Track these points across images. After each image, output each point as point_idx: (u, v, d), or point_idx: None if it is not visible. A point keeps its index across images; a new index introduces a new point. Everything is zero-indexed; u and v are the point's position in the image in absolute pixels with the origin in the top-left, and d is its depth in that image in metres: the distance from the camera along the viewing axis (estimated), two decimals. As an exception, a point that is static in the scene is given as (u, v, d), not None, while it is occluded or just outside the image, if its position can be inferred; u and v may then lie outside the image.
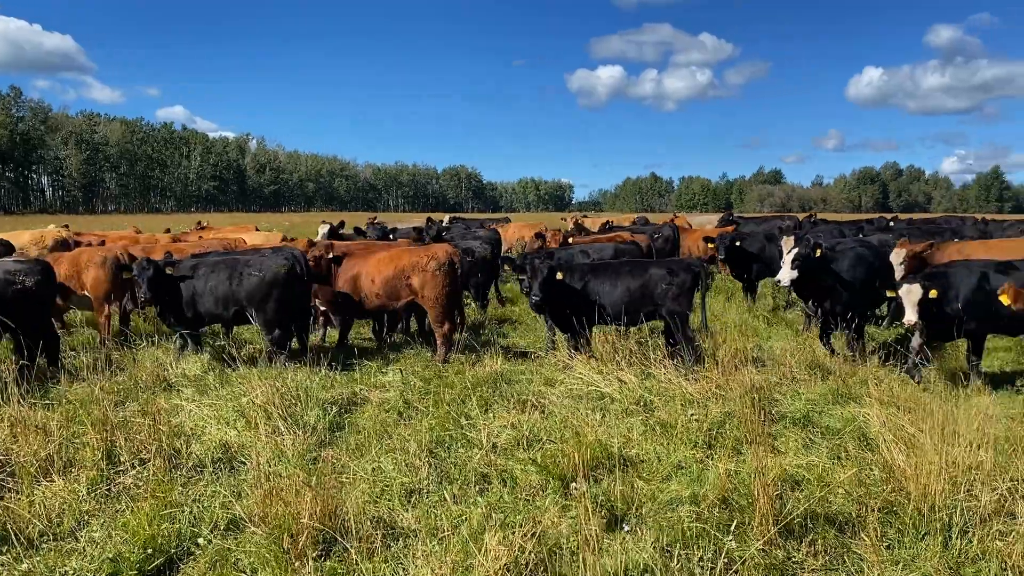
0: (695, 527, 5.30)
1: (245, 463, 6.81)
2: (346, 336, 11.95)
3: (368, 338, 13.00)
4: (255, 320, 10.38)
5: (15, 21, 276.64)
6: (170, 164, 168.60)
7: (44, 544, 5.43)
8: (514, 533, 4.99)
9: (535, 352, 11.17)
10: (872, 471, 6.31)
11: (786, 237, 12.70)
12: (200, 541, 5.40)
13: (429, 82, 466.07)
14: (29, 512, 5.67)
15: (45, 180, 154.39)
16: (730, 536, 5.10)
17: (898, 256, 12.26)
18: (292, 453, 6.89)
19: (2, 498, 5.93)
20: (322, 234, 20.01)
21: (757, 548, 5.02)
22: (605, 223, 28.81)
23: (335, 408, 8.29)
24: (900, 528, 5.42)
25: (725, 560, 4.77)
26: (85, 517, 5.83)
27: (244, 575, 5.06)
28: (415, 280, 10.98)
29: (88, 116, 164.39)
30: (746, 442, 7.09)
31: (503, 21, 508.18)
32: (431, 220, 31.65)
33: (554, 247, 16.58)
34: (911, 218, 35.78)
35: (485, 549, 4.77)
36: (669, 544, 5.17)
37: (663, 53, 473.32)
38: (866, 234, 20.34)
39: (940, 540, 5.16)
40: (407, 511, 5.86)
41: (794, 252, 10.83)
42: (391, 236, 19.36)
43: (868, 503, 5.68)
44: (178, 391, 9.09)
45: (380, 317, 12.31)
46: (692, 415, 7.65)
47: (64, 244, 16.54)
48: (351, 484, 6.23)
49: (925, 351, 9.75)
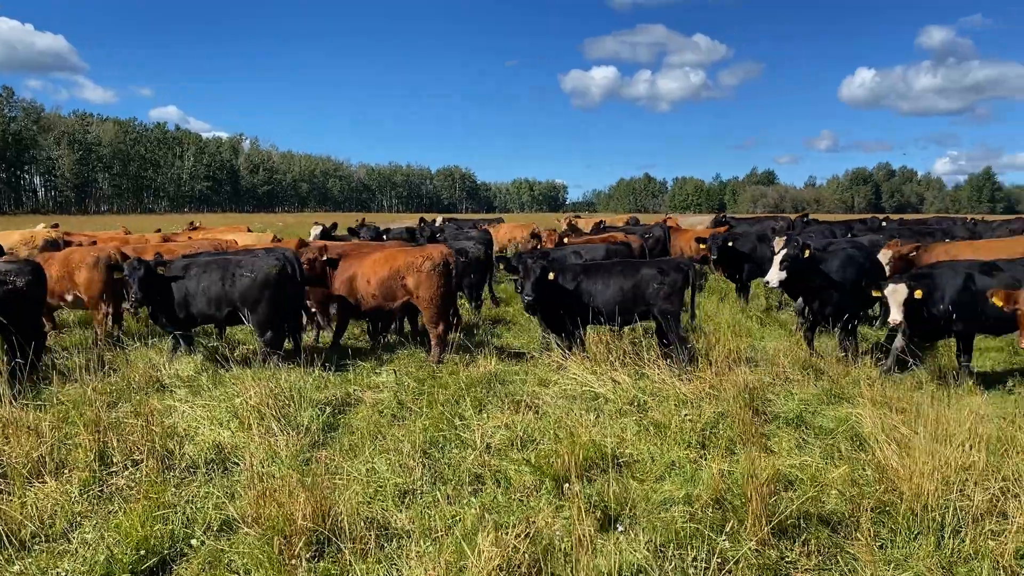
0: (689, 527, 5.30)
1: (238, 464, 6.79)
2: (340, 337, 11.94)
3: (362, 339, 12.98)
4: (248, 321, 10.36)
5: (7, 21, 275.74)
6: (163, 164, 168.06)
7: (36, 546, 5.40)
8: (508, 534, 4.99)
9: (529, 353, 11.17)
10: (865, 471, 6.33)
11: (777, 238, 12.75)
12: (193, 542, 5.39)
13: (423, 82, 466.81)
14: (21, 514, 5.64)
15: (37, 180, 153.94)
16: (723, 536, 5.11)
17: (884, 257, 12.35)
18: (286, 454, 6.87)
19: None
20: (314, 235, 19.96)
21: (750, 548, 5.03)
22: (598, 223, 28.91)
23: (329, 409, 8.27)
24: (893, 528, 5.43)
25: (718, 560, 4.78)
26: (77, 518, 5.81)
27: (237, 576, 5.06)
28: (410, 280, 10.98)
29: (81, 116, 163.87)
30: (739, 442, 7.11)
31: (497, 21, 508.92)
32: (423, 220, 31.65)
33: (549, 247, 16.62)
34: (901, 218, 35.92)
35: (479, 550, 4.77)
36: (663, 544, 5.18)
37: (657, 54, 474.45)
38: (856, 234, 20.41)
39: (933, 540, 5.17)
40: (401, 512, 5.85)
41: (783, 253, 10.82)
42: (384, 237, 19.33)
43: (861, 503, 5.70)
44: (171, 392, 9.06)
45: (376, 318, 12.30)
46: (686, 415, 7.65)
47: (54, 244, 16.49)
48: (345, 485, 6.21)
49: (908, 351, 9.77)
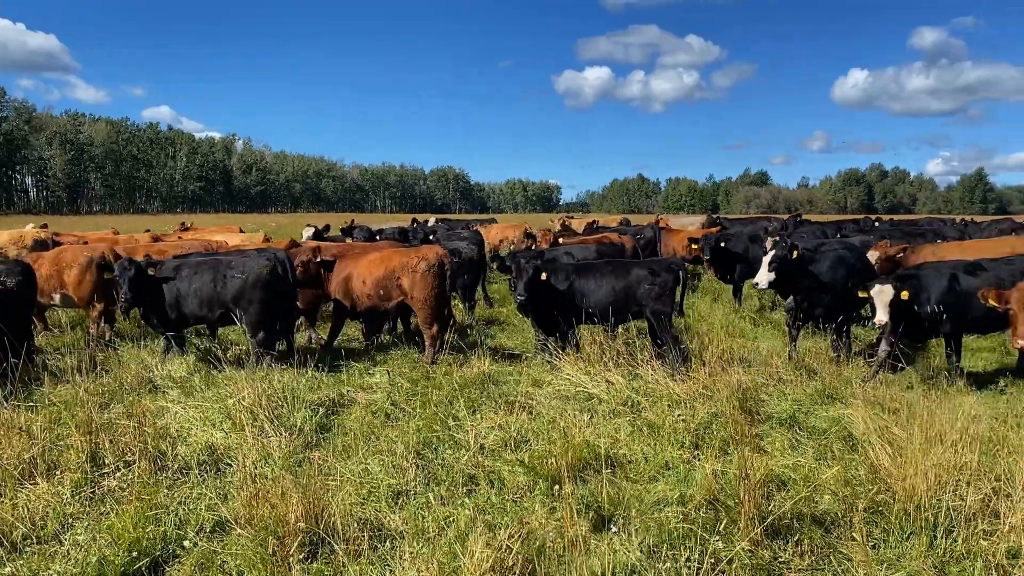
0: (682, 527, 5.31)
1: (231, 465, 6.77)
2: (336, 338, 11.93)
3: (355, 339, 12.96)
4: (240, 322, 10.32)
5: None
6: (156, 165, 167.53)
7: (28, 547, 5.38)
8: (501, 534, 4.99)
9: (523, 353, 11.17)
10: (858, 471, 6.34)
11: (769, 238, 12.77)
12: (186, 544, 5.37)
13: (417, 83, 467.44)
14: (12, 515, 5.62)
15: (29, 180, 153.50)
16: (717, 536, 5.11)
17: (872, 257, 12.40)
18: (279, 455, 6.86)
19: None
20: (307, 237, 19.96)
21: (743, 548, 5.03)
22: (590, 223, 29.04)
23: (322, 410, 8.26)
24: (886, 528, 5.45)
25: (712, 560, 4.78)
26: (69, 520, 5.78)
27: (230, 578, 5.04)
28: (405, 281, 10.97)
29: (73, 116, 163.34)
30: (733, 442, 7.11)
31: (490, 22, 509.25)
32: (416, 221, 31.63)
33: (544, 247, 16.64)
34: (891, 219, 36.03)
35: (472, 551, 4.76)
36: (656, 544, 5.18)
37: (650, 54, 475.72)
38: (846, 235, 20.48)
39: (925, 540, 5.18)
40: (394, 513, 5.84)
41: (771, 255, 10.78)
42: (378, 238, 19.31)
43: (854, 503, 5.71)
44: (164, 393, 9.04)
45: (371, 318, 12.28)
46: (679, 415, 7.67)
47: (43, 244, 16.41)
48: (338, 486, 6.20)
49: (895, 355, 9.80)
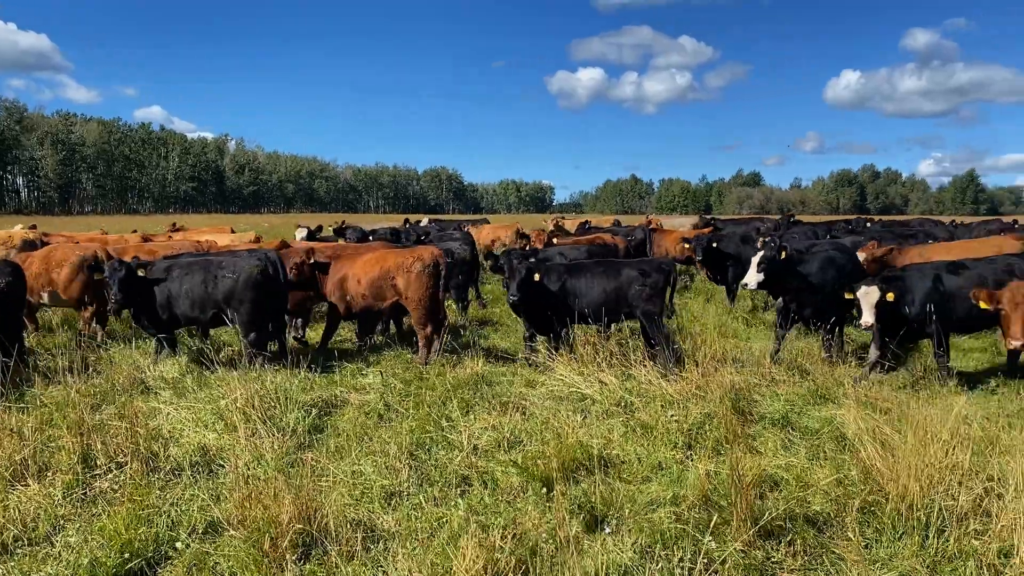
0: (675, 528, 5.32)
1: (224, 466, 6.76)
2: (330, 338, 11.91)
3: (348, 340, 12.94)
4: (232, 322, 10.29)
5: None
6: (148, 165, 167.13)
7: (19, 549, 5.36)
8: (494, 535, 4.99)
9: (516, 354, 11.18)
10: (850, 471, 6.36)
11: (761, 239, 12.79)
12: (178, 545, 5.35)
13: (410, 83, 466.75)
14: (3, 517, 5.59)
15: (20, 181, 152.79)
16: (709, 537, 5.12)
17: (860, 258, 12.43)
18: (271, 456, 6.84)
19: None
20: (300, 237, 19.94)
21: (736, 548, 5.04)
22: (583, 223, 29.19)
23: (315, 410, 8.24)
24: (878, 528, 5.46)
25: (705, 561, 4.79)
26: (61, 522, 5.76)
27: (222, 579, 5.03)
28: (400, 281, 10.97)
29: (64, 116, 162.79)
30: (726, 443, 7.12)
31: (483, 22, 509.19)
32: (408, 222, 31.63)
33: (539, 247, 16.68)
34: (880, 219, 36.15)
35: (464, 551, 4.76)
36: (649, 545, 5.19)
37: (643, 55, 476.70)
38: (836, 235, 20.54)
39: (918, 539, 5.20)
40: (387, 513, 5.84)
41: (760, 255, 10.77)
42: (371, 238, 19.29)
43: (847, 503, 5.73)
44: (156, 394, 9.00)
45: (365, 318, 12.27)
46: (672, 416, 7.67)
47: (31, 245, 16.33)
48: (331, 487, 6.19)
49: (883, 355, 9.83)
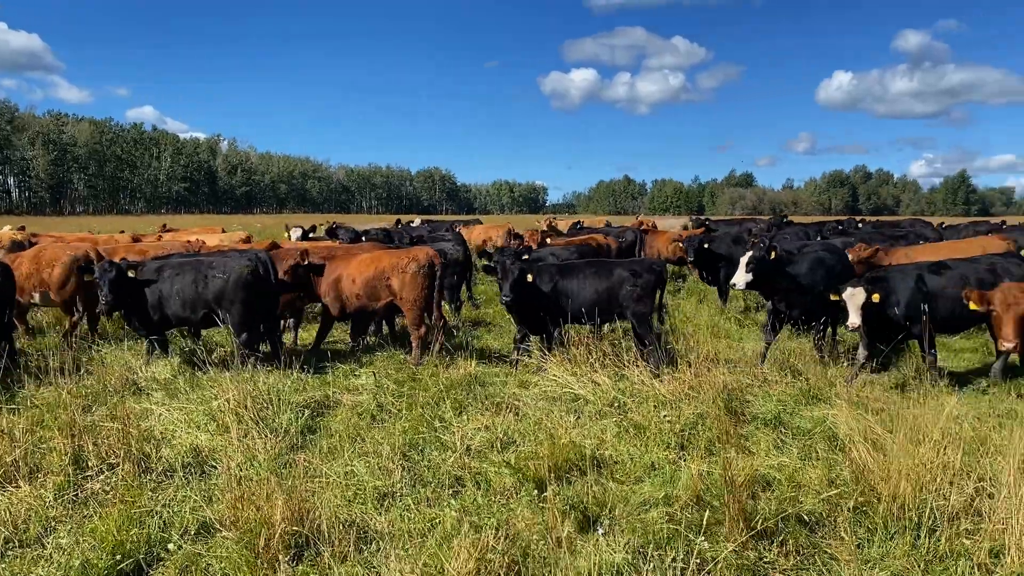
0: (667, 528, 5.33)
1: (216, 467, 6.75)
2: (323, 339, 11.89)
3: (341, 341, 12.93)
4: (224, 322, 10.26)
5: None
6: (140, 165, 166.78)
7: (10, 551, 5.34)
8: (487, 535, 4.99)
9: (509, 354, 11.19)
10: (842, 471, 6.38)
11: (753, 240, 12.81)
12: (170, 546, 5.34)
13: (403, 83, 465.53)
14: (-6, 519, 5.57)
15: (11, 181, 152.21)
16: (702, 537, 5.13)
17: (848, 259, 12.48)
18: (264, 457, 6.83)
19: (-34, 505, 5.83)
20: (296, 237, 19.94)
21: (729, 549, 5.05)
22: (575, 223, 29.27)
23: (307, 411, 8.23)
24: (870, 528, 5.48)
25: (698, 561, 4.80)
26: (52, 523, 5.74)
27: (215, 580, 5.02)
28: (395, 281, 10.97)
29: (56, 116, 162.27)
30: (718, 443, 7.14)
31: (476, 23, 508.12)
32: (400, 222, 31.61)
33: (533, 247, 16.71)
34: (867, 220, 36.26)
35: (457, 552, 4.76)
36: (642, 545, 5.19)
37: (636, 56, 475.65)
38: (826, 236, 20.60)
39: (909, 539, 5.22)
40: (380, 514, 5.83)
41: (748, 255, 10.72)
42: (363, 239, 19.28)
43: (838, 503, 5.75)
44: (147, 395, 8.99)
45: (359, 319, 12.25)
46: (665, 416, 7.69)
47: (19, 246, 16.26)
48: (323, 488, 6.19)
49: (872, 356, 9.87)
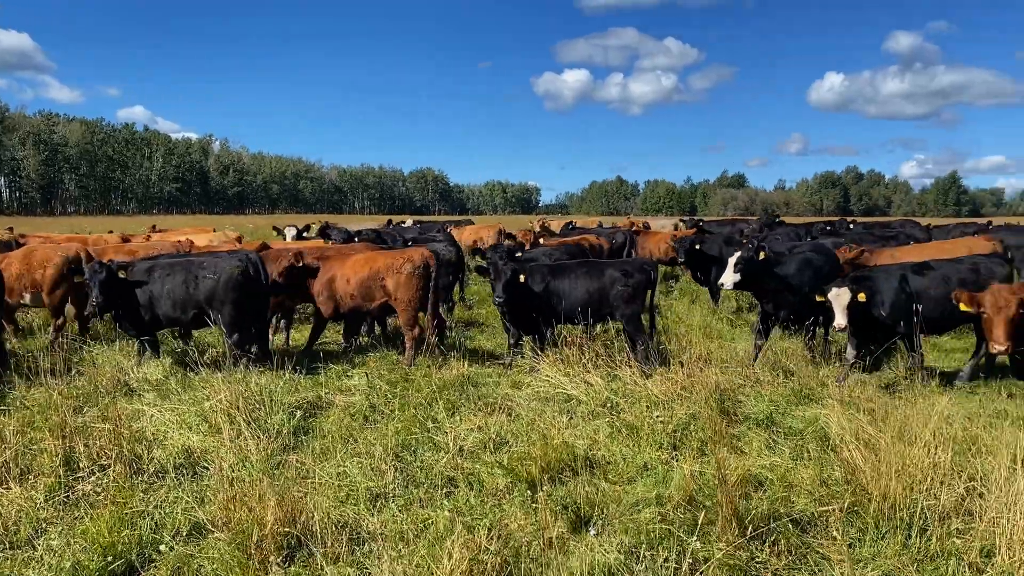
0: (660, 528, 5.34)
1: (208, 468, 6.73)
2: (316, 339, 11.86)
3: (333, 341, 12.91)
4: (215, 323, 10.23)
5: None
6: (131, 165, 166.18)
7: (0, 553, 5.31)
8: (479, 536, 4.99)
9: (502, 355, 11.19)
10: (834, 471, 6.40)
11: (744, 241, 12.84)
12: (162, 548, 5.32)
13: (396, 84, 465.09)
14: (-16, 520, 5.55)
15: (2, 181, 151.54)
16: (695, 537, 5.14)
17: (836, 260, 12.52)
18: (256, 458, 6.80)
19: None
20: (291, 236, 19.94)
21: (721, 548, 5.06)
22: (567, 224, 29.35)
23: (300, 412, 8.21)
24: (862, 527, 5.50)
25: (690, 561, 4.81)
26: (43, 525, 5.71)
27: (207, 582, 5.00)
28: (389, 282, 10.97)
29: (46, 116, 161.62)
30: (710, 443, 7.15)
31: (469, 23, 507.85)
32: (391, 222, 31.60)
33: (526, 247, 16.76)
34: (856, 220, 36.40)
35: (450, 552, 4.76)
36: (634, 545, 5.20)
37: (628, 57, 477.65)
38: (815, 236, 20.67)
39: (901, 539, 5.24)
40: (372, 515, 5.82)
41: (737, 255, 10.73)
42: (356, 239, 19.26)
43: (830, 503, 5.76)
44: (139, 396, 8.96)
45: (352, 319, 12.23)
46: (657, 416, 7.69)
47: (7, 246, 16.18)
48: (316, 489, 6.18)
49: (861, 356, 9.90)
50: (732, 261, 10.66)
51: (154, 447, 7.20)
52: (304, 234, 20.65)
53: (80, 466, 6.56)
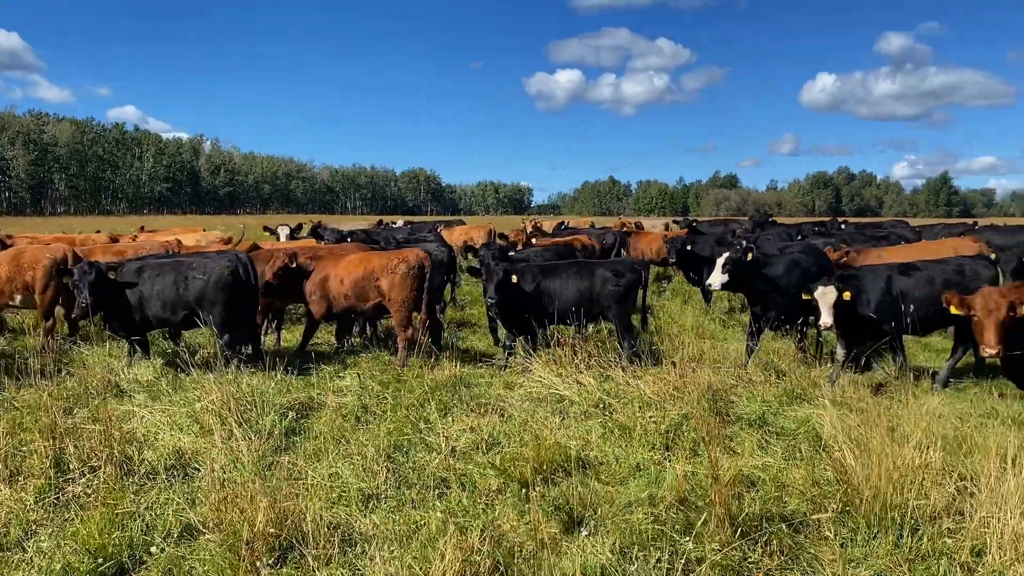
0: (652, 528, 5.34)
1: (199, 469, 6.70)
2: (309, 340, 11.83)
3: (325, 342, 12.88)
4: (205, 324, 10.19)
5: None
6: (122, 165, 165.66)
7: (-11, 555, 5.28)
8: (472, 537, 4.99)
9: (494, 355, 11.19)
10: (825, 471, 6.42)
11: (735, 241, 12.86)
12: (153, 550, 5.30)
13: (388, 83, 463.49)
14: (-27, 522, 5.52)
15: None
16: (687, 537, 5.15)
17: (824, 260, 12.57)
18: (247, 459, 6.78)
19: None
20: (284, 236, 19.90)
21: (713, 549, 5.06)
22: (559, 223, 29.39)
23: (292, 413, 8.20)
24: (853, 527, 5.52)
25: (682, 561, 4.81)
26: (33, 527, 5.69)
27: (198, 584, 4.98)
28: (384, 282, 10.95)
29: (36, 116, 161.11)
30: (703, 443, 7.15)
31: (461, 23, 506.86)
32: (382, 222, 31.57)
33: (519, 246, 16.76)
34: (848, 221, 36.50)
35: (443, 554, 4.75)
36: (627, 546, 5.20)
37: (621, 57, 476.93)
38: (805, 236, 20.74)
39: (892, 538, 5.26)
40: (365, 516, 5.81)
41: (725, 256, 10.73)
42: (349, 240, 19.21)
43: (822, 503, 5.78)
44: (130, 397, 8.92)
45: (345, 319, 12.20)
46: (650, 417, 7.70)
47: (-5, 247, 16.06)
48: (308, 490, 6.16)
49: (851, 356, 9.94)
50: (720, 262, 10.67)
51: (145, 448, 7.17)
52: (296, 234, 20.61)
53: (70, 467, 6.53)
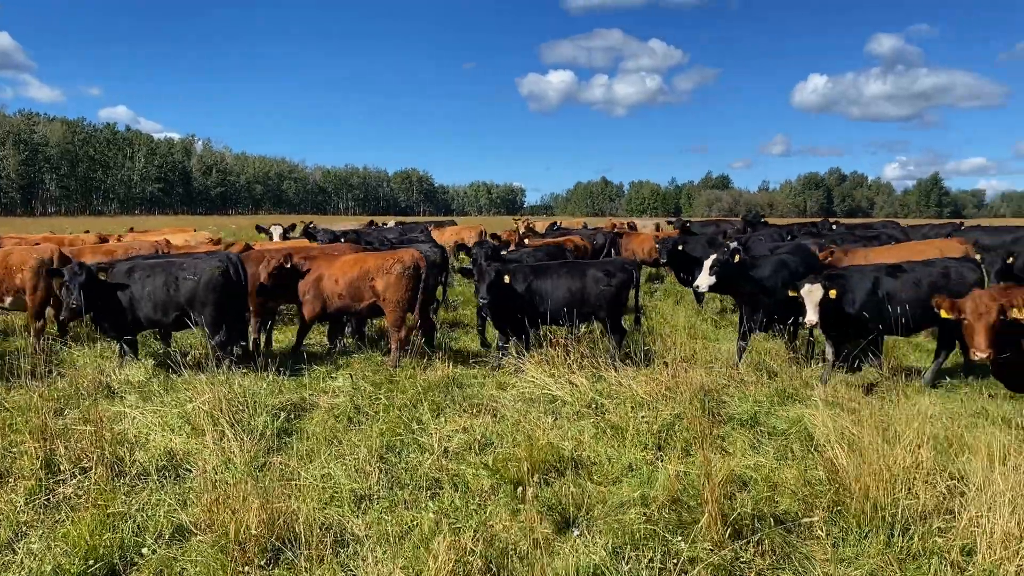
0: (645, 528, 5.35)
1: (191, 470, 6.68)
2: (302, 341, 11.79)
3: (318, 343, 12.85)
4: (196, 324, 10.15)
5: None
6: (113, 166, 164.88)
7: (-21, 557, 5.26)
8: (465, 537, 4.99)
9: (486, 356, 11.18)
10: (817, 471, 6.43)
11: (726, 242, 12.89)
12: (144, 551, 5.27)
13: (380, 84, 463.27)
14: (-37, 524, 5.49)
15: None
16: (679, 537, 5.16)
17: (813, 261, 12.62)
18: (239, 460, 6.76)
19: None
20: (278, 236, 19.86)
21: (706, 548, 5.08)
22: (551, 224, 29.42)
23: (284, 414, 8.18)
24: (844, 526, 5.53)
25: (675, 561, 4.82)
26: (23, 528, 5.66)
27: (190, 585, 4.97)
28: (379, 282, 10.94)
29: (27, 116, 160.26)
30: (695, 443, 7.17)
31: (453, 24, 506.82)
32: (373, 223, 31.54)
33: (512, 248, 16.78)
34: (839, 222, 36.65)
35: (435, 554, 4.75)
36: (619, 546, 5.21)
37: (613, 58, 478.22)
38: (795, 237, 20.80)
39: (883, 538, 5.28)
40: (357, 517, 5.80)
41: (712, 258, 10.75)
42: (342, 240, 19.19)
43: (814, 503, 5.80)
44: (121, 397, 8.89)
45: (340, 320, 12.17)
46: (643, 417, 7.71)
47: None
48: (300, 491, 6.14)
49: (842, 356, 9.98)
50: (707, 264, 10.69)
51: (136, 449, 7.15)
52: (289, 234, 20.57)
53: (61, 468, 6.49)
